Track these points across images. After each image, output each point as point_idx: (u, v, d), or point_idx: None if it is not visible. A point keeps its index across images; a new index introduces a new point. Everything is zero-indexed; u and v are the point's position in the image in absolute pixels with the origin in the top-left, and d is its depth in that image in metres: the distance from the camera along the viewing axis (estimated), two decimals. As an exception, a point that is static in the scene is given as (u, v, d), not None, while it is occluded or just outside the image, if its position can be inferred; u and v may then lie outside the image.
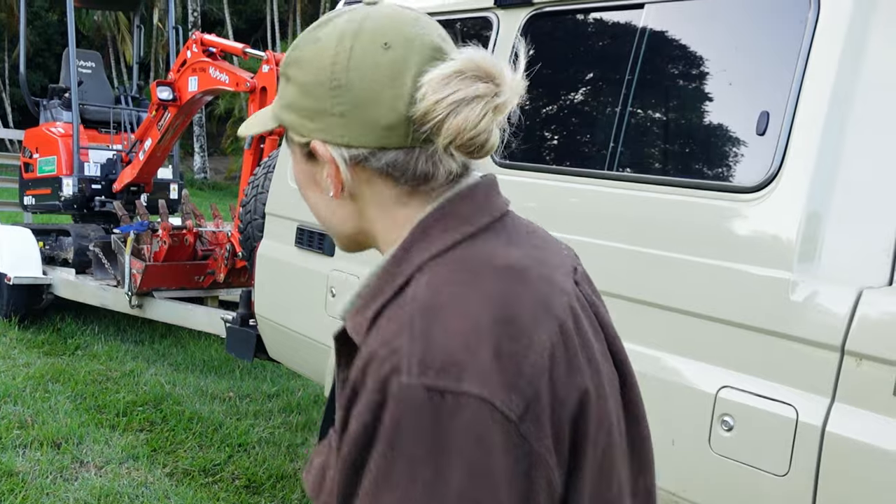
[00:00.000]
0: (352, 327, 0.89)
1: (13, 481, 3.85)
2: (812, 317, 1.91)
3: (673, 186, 2.23)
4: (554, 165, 2.64)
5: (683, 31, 2.38)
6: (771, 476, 1.95)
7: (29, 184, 8.03)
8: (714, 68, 2.29)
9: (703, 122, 2.29)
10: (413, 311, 0.82)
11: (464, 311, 0.81)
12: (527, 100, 2.73)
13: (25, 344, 6.35)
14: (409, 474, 0.76)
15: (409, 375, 0.77)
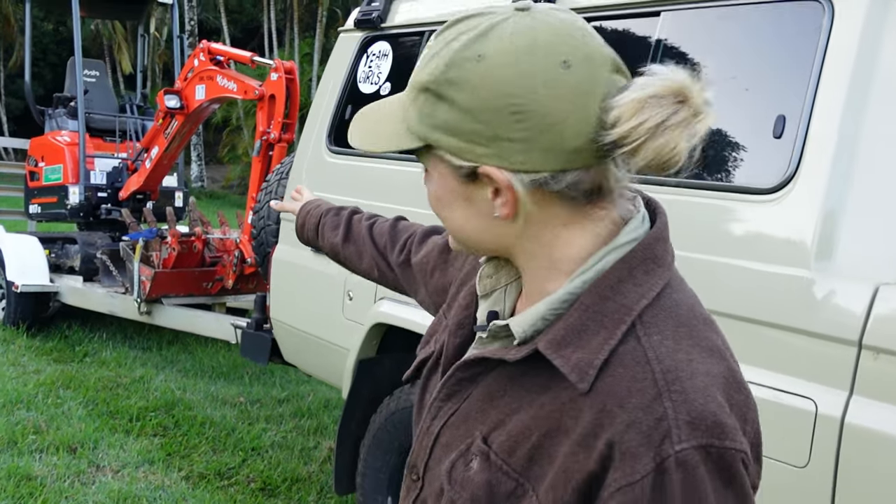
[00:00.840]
0: (570, 364, 0.86)
1: (32, 485, 3.90)
2: (830, 313, 1.97)
3: (694, 189, 2.30)
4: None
5: (701, 37, 2.45)
6: (792, 468, 2.01)
7: (35, 192, 8.08)
8: (731, 73, 2.36)
9: (722, 127, 2.36)
10: (660, 373, 0.83)
11: (704, 370, 0.84)
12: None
13: (34, 351, 6.40)
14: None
15: (681, 441, 0.80)
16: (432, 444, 1.02)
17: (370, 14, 3.59)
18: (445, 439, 1.00)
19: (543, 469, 0.88)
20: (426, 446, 1.03)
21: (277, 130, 5.61)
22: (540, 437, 0.88)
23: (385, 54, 3.54)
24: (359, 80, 3.59)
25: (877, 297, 1.90)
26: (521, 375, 0.92)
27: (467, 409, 0.99)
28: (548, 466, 0.87)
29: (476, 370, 0.98)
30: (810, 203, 2.04)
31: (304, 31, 27.19)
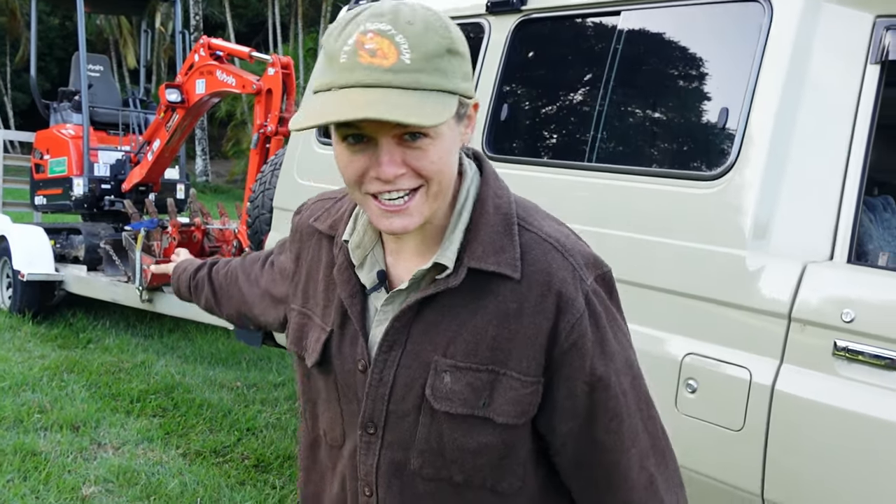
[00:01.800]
0: (502, 265, 1.15)
1: (36, 460, 4.10)
2: (763, 289, 2.15)
3: (644, 175, 2.48)
4: (541, 158, 2.88)
5: (656, 35, 2.63)
6: (729, 431, 2.19)
7: (40, 184, 8.28)
8: (682, 69, 2.54)
9: (672, 118, 2.54)
10: (555, 242, 1.18)
11: (568, 232, 1.24)
12: (516, 97, 2.98)
13: (39, 338, 6.60)
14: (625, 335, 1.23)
15: (588, 277, 1.17)
16: (389, 392, 1.19)
17: (358, 12, 3.76)
18: (403, 380, 1.18)
19: (506, 350, 1.15)
20: (382, 396, 1.19)
21: (274, 123, 5.80)
22: (495, 329, 1.15)
23: (372, 50, 3.71)
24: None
25: (805, 274, 2.09)
26: (453, 297, 1.16)
27: (413, 348, 1.18)
28: (509, 345, 1.15)
29: (409, 315, 1.18)
30: (748, 189, 2.22)
31: (308, 26, 27.37)
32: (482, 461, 1.19)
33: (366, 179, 1.10)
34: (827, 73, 2.19)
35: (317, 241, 1.34)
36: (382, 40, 1.03)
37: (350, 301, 1.23)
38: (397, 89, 1.02)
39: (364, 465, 1.24)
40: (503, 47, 3.04)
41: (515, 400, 1.16)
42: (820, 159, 2.17)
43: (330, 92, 1.05)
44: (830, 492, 2.01)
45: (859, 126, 2.13)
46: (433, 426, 1.18)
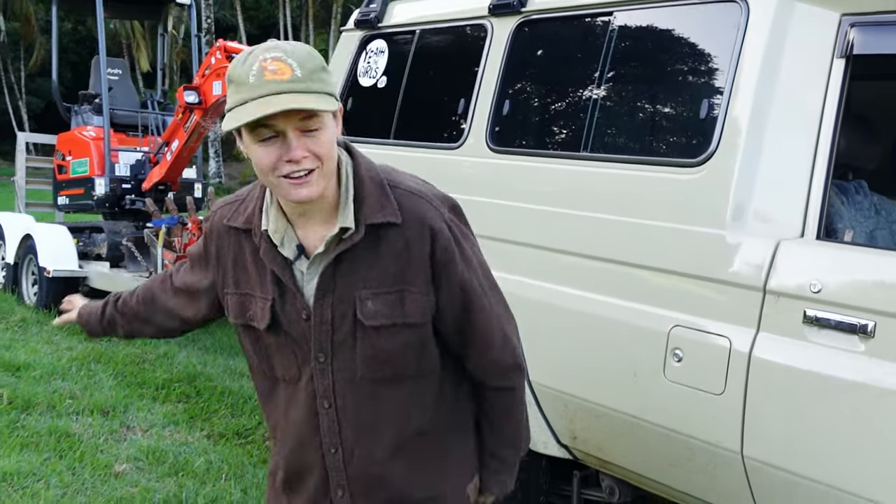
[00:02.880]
0: (387, 217, 1.59)
1: (70, 441, 4.35)
2: (741, 264, 2.37)
3: (634, 164, 2.69)
4: (540, 150, 3.10)
5: (645, 35, 2.85)
6: (711, 395, 2.41)
7: (63, 184, 8.54)
8: (669, 65, 2.76)
9: (659, 110, 2.76)
10: (417, 192, 1.64)
11: (423, 181, 1.72)
12: (517, 94, 3.20)
13: (65, 331, 6.82)
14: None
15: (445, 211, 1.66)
16: (330, 327, 1.62)
17: (368, 15, 3.99)
18: (339, 315, 1.62)
19: (404, 274, 1.61)
20: (326, 331, 1.62)
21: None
22: (393, 262, 1.60)
23: (382, 51, 3.94)
24: (359, 74, 3.99)
25: (778, 250, 2.30)
26: (359, 248, 1.59)
27: (339, 291, 1.61)
28: (406, 270, 1.61)
29: (331, 269, 1.60)
30: (728, 174, 2.43)
31: (319, 28, 27.62)
32: (407, 357, 1.65)
33: (278, 165, 1.50)
34: (798, 68, 2.40)
35: (234, 237, 1.70)
36: (279, 63, 1.46)
37: (282, 272, 1.63)
38: (297, 93, 1.45)
39: (321, 385, 1.65)
40: (505, 47, 3.26)
41: (419, 305, 1.63)
42: (792, 146, 2.38)
43: (247, 104, 1.45)
44: (803, 447, 2.23)
45: (827, 115, 2.33)
46: (367, 340, 1.62)
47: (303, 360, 1.66)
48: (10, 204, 11.53)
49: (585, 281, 2.78)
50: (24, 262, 7.72)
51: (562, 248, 2.85)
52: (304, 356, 1.66)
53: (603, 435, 2.82)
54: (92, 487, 3.85)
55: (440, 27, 3.64)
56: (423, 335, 1.66)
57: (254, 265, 1.67)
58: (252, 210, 1.67)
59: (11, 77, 28.85)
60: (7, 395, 4.93)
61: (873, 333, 2.08)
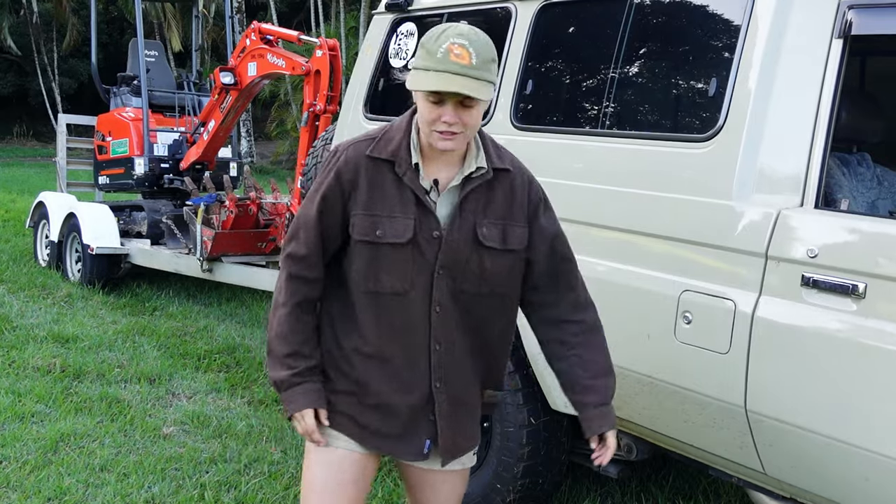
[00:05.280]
0: (505, 164, 2.09)
1: (120, 406, 4.63)
2: (745, 232, 2.54)
3: (647, 139, 2.87)
4: (561, 126, 3.28)
5: (659, 17, 3.01)
6: (718, 354, 2.59)
7: (103, 165, 8.82)
8: (682, 45, 2.92)
9: (671, 88, 2.92)
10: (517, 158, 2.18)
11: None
12: (539, 74, 3.37)
13: (109, 306, 7.14)
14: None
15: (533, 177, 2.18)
16: (455, 246, 2.02)
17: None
18: (463, 237, 2.03)
19: (510, 211, 2.07)
20: (452, 247, 2.02)
21: (323, 102, 6.23)
22: (504, 200, 2.07)
23: (412, 34, 4.12)
24: (390, 55, 4.18)
25: (778, 219, 2.47)
26: (480, 187, 2.05)
27: (465, 218, 2.03)
28: (511, 208, 2.08)
29: (462, 199, 2.03)
30: (734, 148, 2.60)
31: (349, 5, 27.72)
32: (501, 276, 2.08)
33: (436, 122, 1.92)
34: (799, 48, 2.56)
35: (374, 167, 2.03)
36: (463, 49, 1.87)
37: (425, 198, 2.02)
38: (469, 78, 1.86)
39: (438, 292, 2.03)
40: (528, 28, 3.43)
41: (517, 235, 2.08)
42: (792, 122, 2.54)
43: (431, 72, 1.88)
44: (801, 401, 2.41)
45: (825, 92, 2.49)
46: (479, 258, 2.04)
47: (419, 272, 2.02)
48: (50, 184, 11.89)
49: (602, 250, 2.96)
50: (67, 240, 8.01)
51: (581, 219, 3.04)
52: (423, 269, 2.02)
53: (619, 394, 2.99)
54: (143, 447, 4.12)
55: (467, 10, 3.82)
56: (516, 262, 2.09)
57: (395, 190, 2.02)
58: (396, 147, 2.03)
59: (45, 58, 29.23)
60: (60, 364, 5.23)
61: (864, 294, 2.25)
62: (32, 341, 5.75)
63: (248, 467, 3.95)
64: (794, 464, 2.50)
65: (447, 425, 2.12)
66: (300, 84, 21.04)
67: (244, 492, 3.69)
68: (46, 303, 7.00)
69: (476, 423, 2.23)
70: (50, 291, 7.37)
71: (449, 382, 2.10)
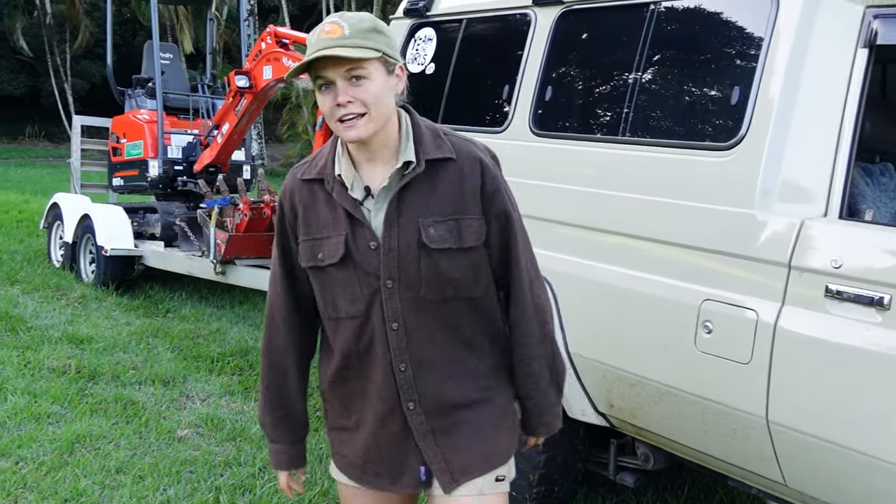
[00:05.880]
0: (444, 153, 1.86)
1: (135, 408, 4.64)
2: (768, 242, 2.53)
3: (668, 147, 2.86)
4: (581, 133, 3.27)
5: (680, 25, 3.00)
6: (739, 364, 2.58)
7: (117, 166, 8.85)
8: (703, 53, 2.91)
9: (692, 96, 2.91)
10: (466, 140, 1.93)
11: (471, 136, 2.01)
12: (559, 80, 3.37)
13: (123, 307, 7.16)
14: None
15: (486, 154, 1.93)
16: (397, 253, 1.83)
17: (417, 4, 4.17)
18: (405, 242, 1.83)
19: (461, 204, 1.86)
20: (393, 257, 1.83)
21: (337, 107, 6.22)
22: (450, 193, 1.86)
23: (430, 39, 4.12)
24: (408, 61, 4.18)
25: (802, 229, 2.46)
26: (419, 182, 1.85)
27: (404, 221, 1.84)
28: (462, 200, 1.86)
29: (395, 202, 1.84)
30: (757, 157, 2.59)
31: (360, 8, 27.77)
32: (465, 278, 1.88)
33: (333, 110, 1.77)
34: (824, 57, 2.55)
35: (307, 189, 1.91)
36: (333, 25, 1.75)
37: (353, 208, 1.86)
38: (341, 46, 1.71)
39: (390, 308, 1.86)
40: (547, 35, 3.43)
41: (473, 230, 1.87)
42: (817, 131, 2.53)
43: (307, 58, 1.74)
44: (823, 412, 2.39)
45: (850, 102, 2.48)
46: (430, 263, 1.84)
47: (370, 290, 1.86)
48: (63, 185, 11.93)
49: (622, 258, 2.95)
50: (82, 241, 8.04)
51: (600, 226, 3.03)
52: (371, 286, 1.85)
53: (638, 403, 3.00)
54: (158, 449, 4.12)
55: (486, 16, 3.82)
56: (477, 259, 1.90)
57: (326, 208, 1.89)
58: (324, 163, 1.91)
59: (57, 59, 29.37)
60: (75, 365, 5.24)
61: (889, 306, 2.24)
62: (47, 342, 5.77)
63: (262, 471, 3.95)
64: (817, 476, 2.48)
65: (433, 447, 1.93)
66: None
67: (259, 496, 3.69)
68: (61, 304, 7.02)
69: (490, 440, 1.97)
70: (64, 292, 7.40)
71: (426, 401, 1.91)
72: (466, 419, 1.94)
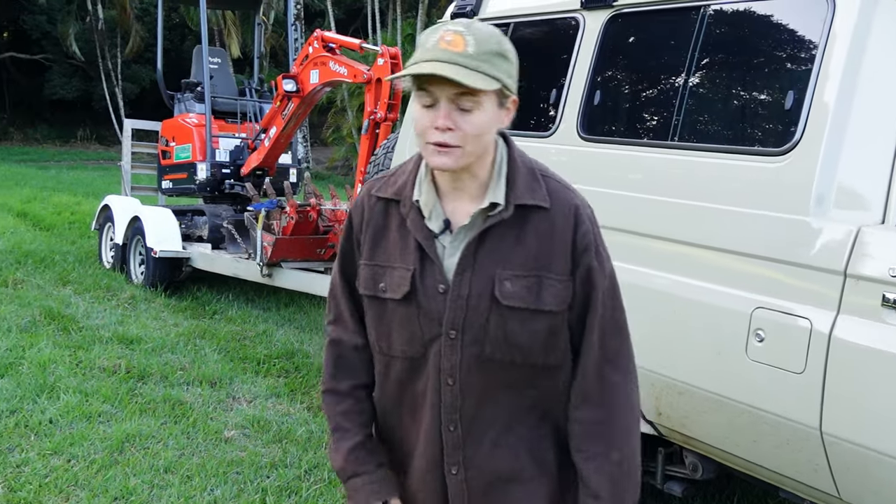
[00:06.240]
0: (538, 200, 1.63)
1: (183, 408, 4.69)
2: (823, 249, 2.48)
3: (721, 152, 2.82)
4: (630, 138, 3.24)
5: (733, 29, 2.96)
6: (792, 374, 2.53)
7: (167, 169, 8.99)
8: (756, 56, 2.87)
9: (746, 101, 2.87)
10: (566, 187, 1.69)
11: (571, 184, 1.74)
12: (608, 84, 3.34)
13: (171, 309, 7.26)
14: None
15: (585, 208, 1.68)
16: (465, 302, 1.62)
17: (464, 8, 4.17)
18: (476, 291, 1.62)
19: (546, 260, 1.62)
20: (461, 306, 1.62)
21: (384, 110, 6.27)
22: (536, 246, 1.62)
23: (477, 43, 4.11)
24: (454, 66, 4.17)
25: (859, 236, 2.41)
26: (504, 227, 1.63)
27: (480, 268, 1.62)
28: (548, 256, 1.62)
29: (474, 244, 1.63)
30: (812, 163, 2.54)
31: (406, 12, 27.85)
32: (536, 343, 1.63)
33: (428, 131, 1.55)
34: (881, 59, 2.49)
35: (381, 208, 1.72)
36: (456, 36, 1.52)
37: (426, 242, 1.65)
38: (460, 66, 1.49)
39: (448, 361, 1.65)
40: (596, 39, 3.40)
41: (556, 293, 1.63)
42: (873, 136, 2.48)
43: (417, 63, 1.53)
44: (880, 424, 2.34)
45: (909, 106, 2.43)
46: (500, 321, 1.62)
47: (430, 335, 1.65)
48: (113, 187, 12.14)
49: (672, 264, 2.92)
50: (131, 243, 8.17)
51: (649, 232, 3.00)
52: (432, 332, 1.65)
53: (686, 412, 2.96)
54: (205, 450, 4.17)
55: (534, 20, 3.80)
56: (555, 325, 1.64)
57: (397, 235, 1.69)
58: (404, 182, 1.70)
59: (108, 64, 29.87)
60: (125, 365, 5.32)
61: (950, 316, 2.18)
62: (98, 342, 5.87)
63: (308, 473, 3.97)
64: (872, 489, 2.43)
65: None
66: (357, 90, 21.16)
67: (304, 497, 3.72)
68: (111, 304, 7.14)
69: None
70: (114, 293, 7.52)
71: (472, 467, 1.69)
72: (514, 497, 1.71)
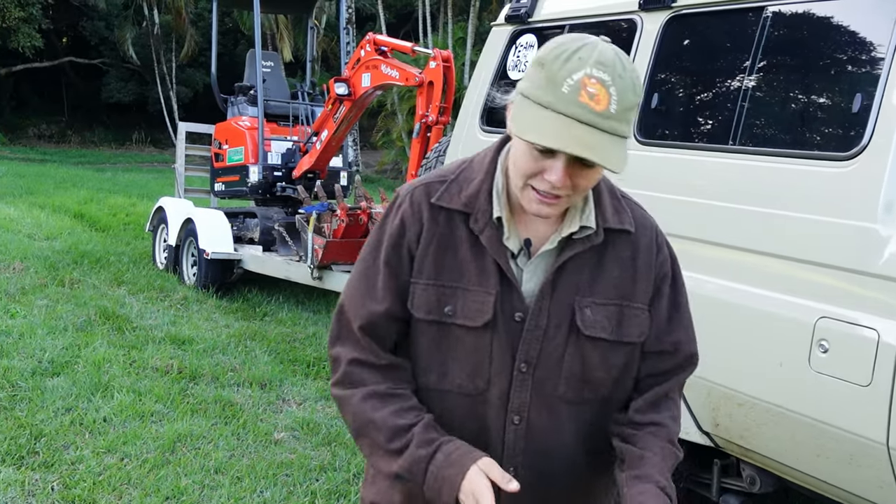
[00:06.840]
0: (625, 223, 1.56)
1: (234, 409, 4.72)
2: (892, 258, 2.39)
3: (784, 157, 2.74)
4: (690, 142, 3.17)
5: (796, 30, 2.88)
6: (857, 386, 2.44)
7: (219, 172, 9.08)
8: (821, 58, 2.78)
9: (810, 104, 2.78)
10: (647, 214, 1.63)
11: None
12: (666, 87, 3.28)
13: (222, 310, 7.32)
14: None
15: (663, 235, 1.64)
16: (543, 334, 1.50)
17: (519, 10, 4.13)
18: (554, 322, 1.51)
19: (629, 287, 1.55)
20: (537, 338, 1.50)
21: (435, 113, 6.25)
22: (618, 272, 1.54)
23: (531, 45, 4.07)
24: (508, 68, 4.14)
25: (930, 244, 2.32)
26: (584, 254, 1.53)
27: (558, 295, 1.51)
28: (631, 283, 1.55)
29: (555, 274, 1.51)
30: (880, 168, 2.45)
31: (457, 16, 27.84)
32: (610, 378, 1.55)
33: (536, 178, 1.40)
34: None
35: (445, 219, 1.53)
36: (601, 88, 1.32)
37: (506, 265, 1.51)
38: (601, 132, 1.32)
39: (518, 399, 1.51)
40: (654, 41, 3.34)
41: (637, 322, 1.55)
42: (948, 141, 2.39)
43: (549, 112, 1.33)
44: (951, 440, 2.25)
45: None
46: (577, 354, 1.51)
47: (499, 369, 1.51)
48: (167, 189, 12.30)
49: (732, 271, 2.84)
50: (184, 245, 8.27)
51: (709, 238, 2.93)
52: (502, 364, 1.51)
53: (745, 423, 2.88)
54: (255, 451, 4.18)
55: (590, 22, 3.75)
56: (632, 358, 1.57)
57: (470, 253, 1.52)
58: (474, 193, 1.53)
59: (164, 68, 30.35)
60: (177, 365, 5.37)
61: None
62: (151, 342, 5.93)
63: (357, 477, 3.96)
64: (942, 507, 2.33)
65: None
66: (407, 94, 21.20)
67: (353, 501, 3.70)
68: (164, 305, 7.22)
69: None
70: (167, 294, 7.60)
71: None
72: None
